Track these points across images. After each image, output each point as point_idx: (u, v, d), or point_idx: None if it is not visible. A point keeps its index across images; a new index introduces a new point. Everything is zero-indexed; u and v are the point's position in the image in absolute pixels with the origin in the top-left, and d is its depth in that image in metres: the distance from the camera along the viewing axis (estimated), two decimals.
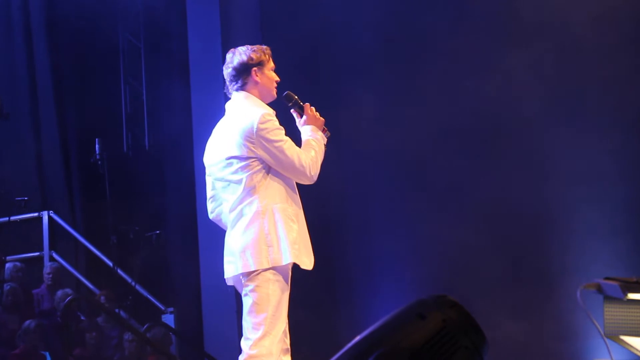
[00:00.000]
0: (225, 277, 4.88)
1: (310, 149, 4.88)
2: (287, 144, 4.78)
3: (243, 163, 4.77)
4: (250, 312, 4.70)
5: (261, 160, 4.76)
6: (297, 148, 4.83)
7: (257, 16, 9.51)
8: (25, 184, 10.79)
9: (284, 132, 4.81)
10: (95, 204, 10.79)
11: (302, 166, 4.78)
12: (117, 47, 11.33)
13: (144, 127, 11.30)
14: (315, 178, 4.86)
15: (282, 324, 4.71)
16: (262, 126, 4.73)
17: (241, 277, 4.77)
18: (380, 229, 9.28)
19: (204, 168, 5.06)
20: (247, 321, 4.71)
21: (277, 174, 4.79)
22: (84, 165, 10.87)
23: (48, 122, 11.17)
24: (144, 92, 11.34)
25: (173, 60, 10.82)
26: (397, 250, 9.06)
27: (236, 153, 4.78)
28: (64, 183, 11.12)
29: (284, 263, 4.68)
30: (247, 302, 4.73)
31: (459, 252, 8.76)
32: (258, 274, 4.69)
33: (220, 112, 5.03)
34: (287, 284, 4.75)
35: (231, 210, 4.81)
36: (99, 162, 10.27)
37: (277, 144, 4.74)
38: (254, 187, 4.75)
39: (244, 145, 4.75)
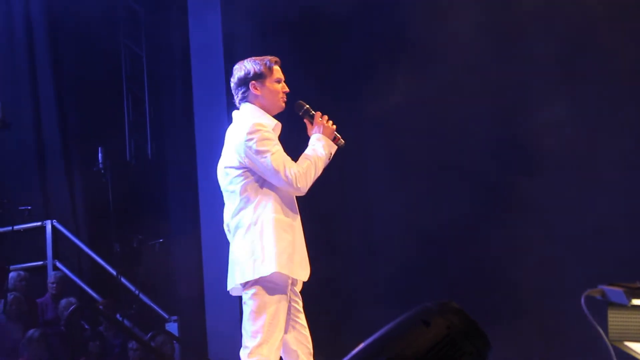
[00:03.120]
0: (227, 289, 4.90)
1: (304, 160, 4.83)
2: (275, 154, 4.72)
3: (237, 173, 4.77)
4: (248, 320, 4.71)
5: (252, 171, 4.75)
6: (286, 158, 4.76)
7: (259, 24, 9.50)
8: (28, 193, 10.79)
9: (273, 142, 4.75)
10: (98, 212, 10.80)
11: (287, 177, 4.71)
12: (119, 55, 11.34)
13: (147, 135, 11.31)
14: (304, 190, 4.79)
15: (280, 332, 4.71)
16: (249, 136, 4.72)
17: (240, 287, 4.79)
18: (384, 236, 9.27)
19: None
20: (245, 329, 4.72)
21: (273, 185, 4.76)
22: (87, 174, 10.87)
23: (51, 131, 11.18)
24: (147, 100, 11.35)
25: (175, 68, 10.83)
26: (401, 258, 9.04)
27: (230, 163, 4.79)
28: (67, 192, 11.12)
29: (266, 274, 4.66)
30: (245, 310, 4.75)
31: (461, 257, 8.75)
32: (253, 284, 4.70)
33: (223, 120, 5.04)
34: (285, 292, 4.73)
35: (232, 220, 4.83)
36: (102, 171, 10.30)
37: (263, 154, 4.71)
38: (248, 197, 4.74)
39: (236, 155, 4.76)
